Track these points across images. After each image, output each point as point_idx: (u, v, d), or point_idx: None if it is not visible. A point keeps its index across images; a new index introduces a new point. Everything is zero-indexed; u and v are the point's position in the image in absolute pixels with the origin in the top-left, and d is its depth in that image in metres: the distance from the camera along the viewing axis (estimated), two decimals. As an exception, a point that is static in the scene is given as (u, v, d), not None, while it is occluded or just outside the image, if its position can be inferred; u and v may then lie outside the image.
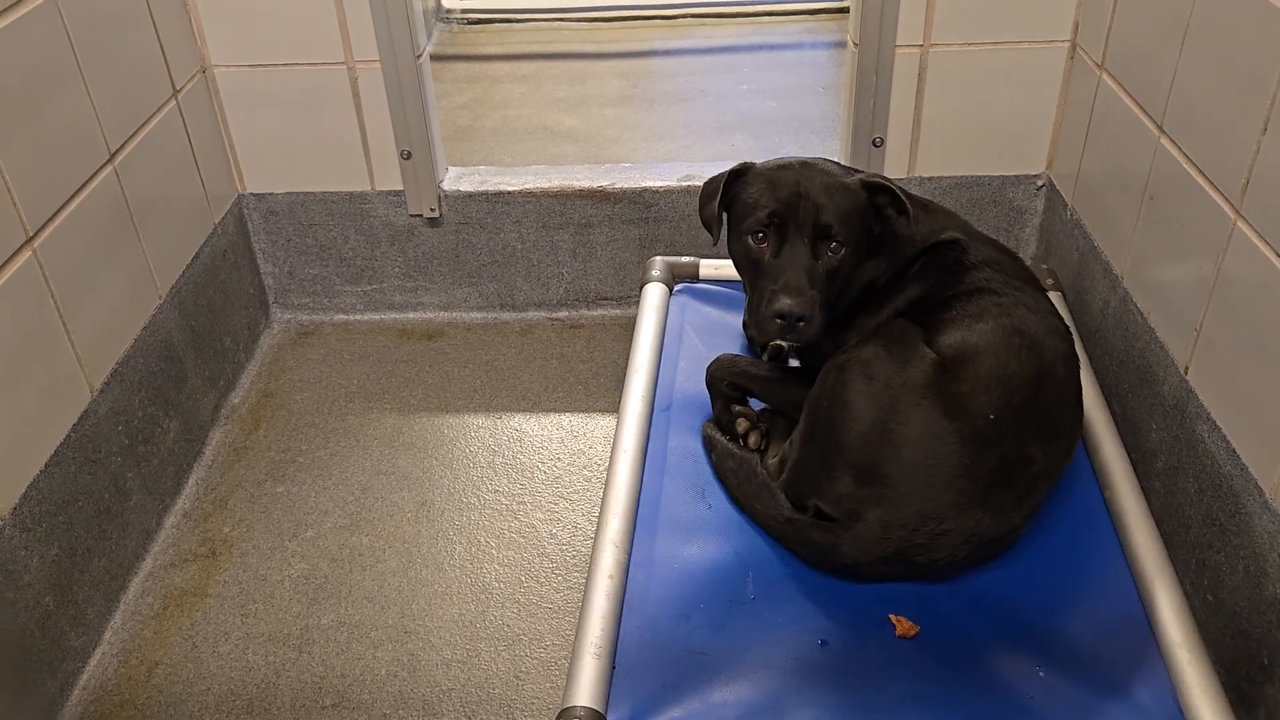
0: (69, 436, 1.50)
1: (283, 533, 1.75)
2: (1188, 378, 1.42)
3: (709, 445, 1.44)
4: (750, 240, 1.29)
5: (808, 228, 1.25)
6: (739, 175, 1.32)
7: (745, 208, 1.30)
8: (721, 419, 1.46)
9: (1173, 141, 1.47)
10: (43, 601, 1.43)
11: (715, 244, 1.35)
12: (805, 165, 1.31)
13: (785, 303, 1.23)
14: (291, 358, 2.15)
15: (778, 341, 1.43)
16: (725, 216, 1.34)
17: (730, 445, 1.41)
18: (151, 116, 1.76)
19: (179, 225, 1.87)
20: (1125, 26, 1.64)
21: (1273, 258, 1.21)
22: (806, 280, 1.24)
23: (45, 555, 1.43)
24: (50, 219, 1.48)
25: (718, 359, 1.49)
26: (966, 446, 1.16)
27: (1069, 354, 1.30)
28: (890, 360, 1.22)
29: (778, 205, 1.26)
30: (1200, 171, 1.39)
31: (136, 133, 1.71)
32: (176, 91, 1.85)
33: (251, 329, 2.16)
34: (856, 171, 1.35)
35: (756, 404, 1.48)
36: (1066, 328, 1.33)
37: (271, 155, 2.07)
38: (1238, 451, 1.29)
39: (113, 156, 1.64)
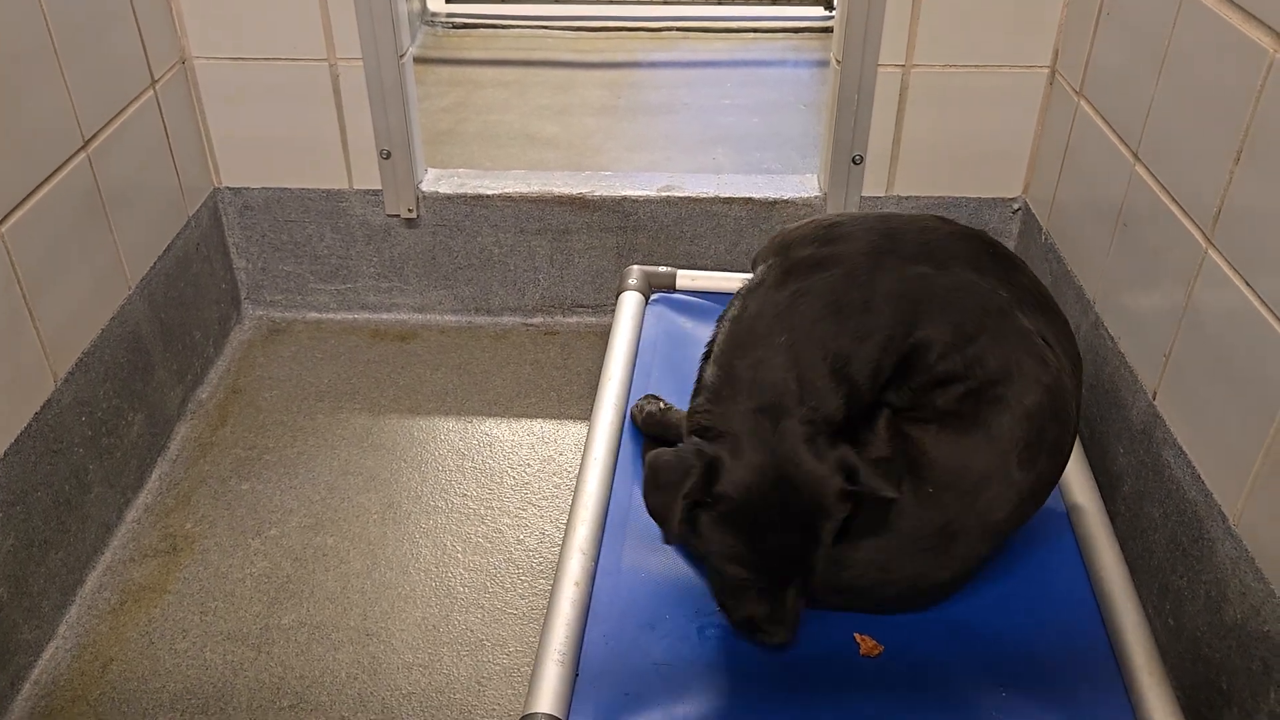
0: (30, 426, 1.47)
1: (246, 530, 1.72)
2: (1156, 403, 1.43)
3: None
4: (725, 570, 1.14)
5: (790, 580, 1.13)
6: (698, 504, 1.09)
7: (714, 547, 1.11)
8: None
9: (1147, 169, 1.48)
10: (-4, 593, 1.40)
11: (667, 541, 1.15)
12: (784, 493, 1.07)
13: (771, 641, 1.16)
14: (262, 354, 2.13)
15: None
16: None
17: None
18: (128, 106, 1.74)
19: (152, 216, 1.84)
20: (1104, 55, 1.66)
21: (1242, 287, 1.23)
22: (787, 613, 1.14)
23: (1, 546, 1.41)
24: (19, 204, 1.45)
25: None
26: (922, 505, 1.16)
27: (1063, 439, 1.21)
28: None
29: (754, 575, 1.12)
30: (1173, 200, 1.40)
31: (111, 121, 1.69)
32: (154, 81, 1.83)
33: (222, 324, 2.14)
34: (836, 447, 1.11)
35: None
36: (1075, 408, 1.22)
37: (249, 150, 2.05)
38: (1203, 477, 1.31)
39: (86, 144, 1.62)
